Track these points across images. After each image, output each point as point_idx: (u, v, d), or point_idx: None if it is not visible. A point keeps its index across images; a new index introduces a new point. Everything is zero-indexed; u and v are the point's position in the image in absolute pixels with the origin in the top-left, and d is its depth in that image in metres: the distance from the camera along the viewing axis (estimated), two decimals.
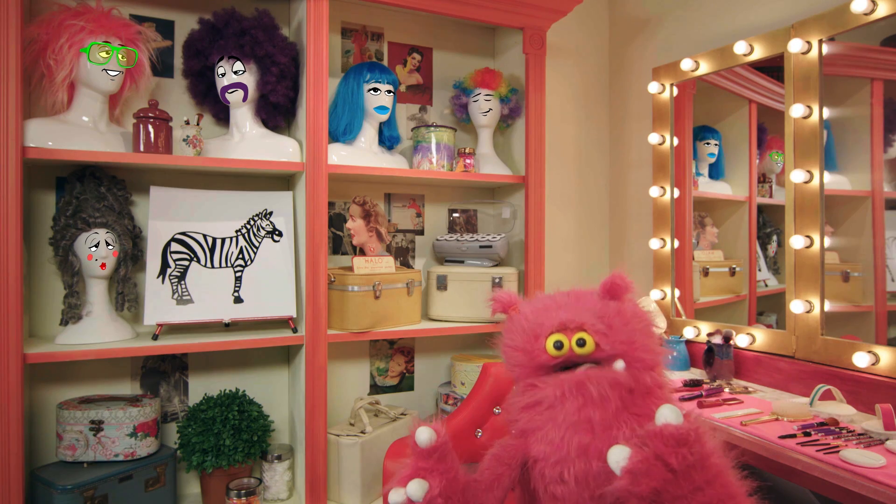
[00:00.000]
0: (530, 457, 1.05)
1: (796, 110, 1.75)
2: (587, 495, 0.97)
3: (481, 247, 2.15)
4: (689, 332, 2.14)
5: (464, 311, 2.11)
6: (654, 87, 2.28)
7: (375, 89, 1.98)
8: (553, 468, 1.01)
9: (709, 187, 2.25)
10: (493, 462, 1.08)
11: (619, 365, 1.04)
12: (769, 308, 2.04)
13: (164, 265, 1.75)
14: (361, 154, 2.00)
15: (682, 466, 0.84)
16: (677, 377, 1.97)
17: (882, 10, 1.56)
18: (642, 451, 0.85)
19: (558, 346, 1.05)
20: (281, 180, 2.06)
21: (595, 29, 2.68)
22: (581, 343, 1.04)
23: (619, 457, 0.86)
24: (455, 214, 2.41)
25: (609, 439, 0.98)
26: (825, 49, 1.72)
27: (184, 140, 1.74)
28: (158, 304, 1.72)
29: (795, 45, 1.75)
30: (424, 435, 0.99)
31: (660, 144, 2.28)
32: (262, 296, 1.83)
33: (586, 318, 1.05)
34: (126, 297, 1.74)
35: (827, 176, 1.73)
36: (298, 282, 1.88)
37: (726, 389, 1.78)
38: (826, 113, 1.73)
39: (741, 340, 1.93)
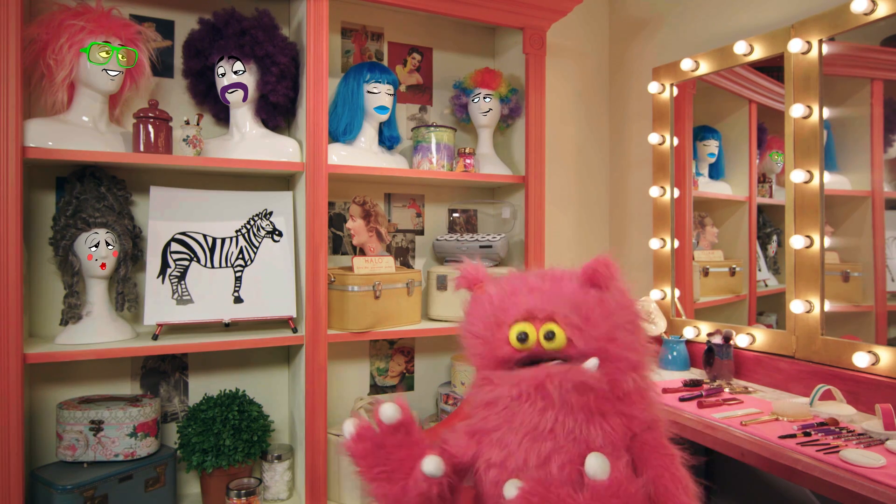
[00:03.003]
0: (482, 459, 0.93)
1: (796, 110, 1.75)
2: None
3: (481, 247, 2.15)
4: (689, 332, 2.14)
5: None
6: (654, 87, 2.28)
7: (375, 89, 1.98)
8: (509, 477, 0.87)
9: (709, 187, 2.25)
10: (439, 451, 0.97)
11: (592, 363, 0.89)
12: (769, 308, 2.04)
13: (164, 265, 1.75)
14: (361, 154, 2.00)
15: None
16: (677, 377, 1.97)
17: (882, 10, 1.56)
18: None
19: (522, 338, 0.90)
20: (281, 180, 2.06)
21: (595, 29, 2.68)
22: (549, 336, 0.90)
23: (597, 468, 0.80)
24: (455, 214, 2.41)
25: (575, 448, 0.87)
26: (825, 49, 1.72)
27: (184, 140, 1.74)
28: (158, 304, 1.72)
29: (795, 45, 1.75)
30: (389, 410, 0.90)
31: (660, 144, 2.28)
32: (262, 296, 1.83)
33: (558, 308, 0.90)
34: (126, 297, 1.74)
35: (827, 176, 1.73)
36: (298, 282, 1.88)
37: (726, 389, 1.78)
38: (826, 113, 1.73)
39: (741, 340, 1.93)
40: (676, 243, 2.25)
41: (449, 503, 0.92)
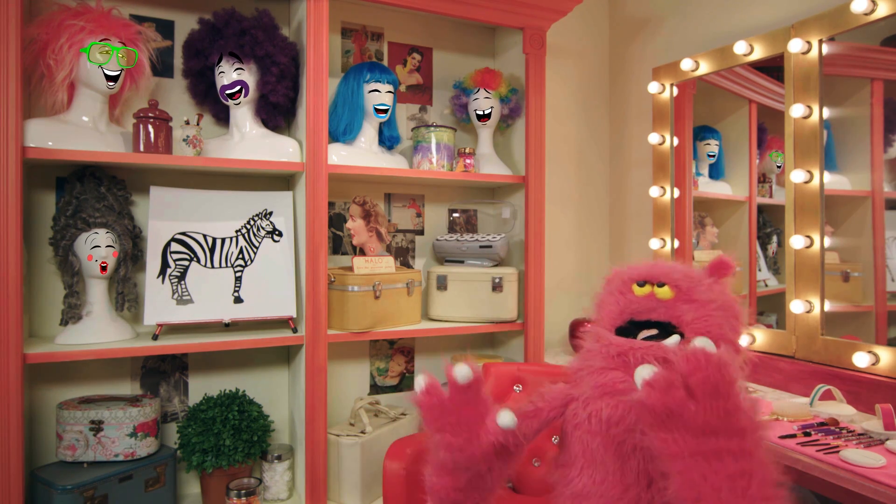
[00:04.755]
0: (571, 397, 1.13)
1: (796, 110, 1.75)
2: (609, 435, 1.02)
3: (481, 247, 2.15)
4: None
5: (464, 311, 2.11)
6: (654, 87, 2.28)
7: (376, 89, 1.98)
8: (583, 407, 1.08)
9: (709, 187, 2.25)
10: (536, 397, 1.16)
11: (673, 340, 1.06)
12: (769, 308, 2.04)
13: (164, 265, 1.75)
14: (361, 154, 2.00)
15: (701, 391, 0.79)
16: None
17: (882, 10, 1.56)
18: (666, 368, 0.84)
19: (641, 284, 1.13)
20: (281, 180, 2.06)
21: (595, 29, 2.68)
22: (661, 285, 1.12)
23: (644, 373, 0.87)
24: (455, 214, 2.41)
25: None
26: (825, 49, 1.72)
27: (184, 140, 1.74)
28: (158, 304, 1.72)
29: (795, 45, 1.75)
30: (463, 371, 1.05)
31: (660, 144, 2.28)
32: (262, 296, 1.83)
33: (672, 273, 1.12)
34: (126, 297, 1.74)
35: (827, 176, 1.73)
36: (298, 282, 1.88)
37: None
38: (826, 113, 1.73)
39: (741, 340, 1.93)
40: (676, 243, 2.25)
41: (514, 456, 1.11)
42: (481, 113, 2.21)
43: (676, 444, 0.80)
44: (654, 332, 1.11)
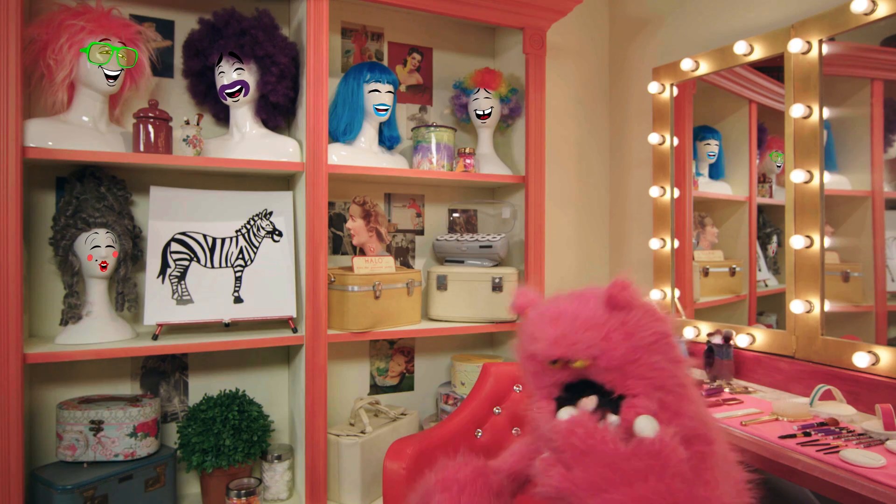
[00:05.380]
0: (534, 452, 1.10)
1: (796, 110, 1.75)
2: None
3: (481, 247, 2.15)
4: (689, 332, 2.14)
5: (464, 311, 2.11)
6: (654, 87, 2.28)
7: (376, 89, 1.98)
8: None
9: (709, 187, 2.25)
10: (500, 461, 1.12)
11: (612, 420, 0.98)
12: (769, 308, 2.04)
13: (164, 265, 1.75)
14: (361, 154, 2.00)
15: (573, 461, 0.88)
16: None
17: (882, 10, 1.56)
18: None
19: (554, 362, 1.02)
20: (281, 180, 2.06)
21: (595, 29, 2.68)
22: (573, 361, 1.01)
23: (645, 426, 0.89)
24: (455, 214, 2.41)
25: None
26: (825, 49, 1.72)
27: (184, 140, 1.74)
28: (158, 304, 1.72)
29: (795, 45, 1.75)
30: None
31: (660, 144, 2.28)
32: (262, 296, 1.83)
33: (578, 338, 0.99)
34: (126, 297, 1.74)
35: (827, 176, 1.73)
36: (298, 282, 1.88)
37: (726, 389, 1.78)
38: (826, 113, 1.73)
39: (741, 340, 1.93)
40: (676, 243, 2.25)
41: None
42: (481, 113, 2.21)
43: None
44: (593, 398, 1.01)
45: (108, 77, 1.65)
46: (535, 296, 1.13)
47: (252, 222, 1.88)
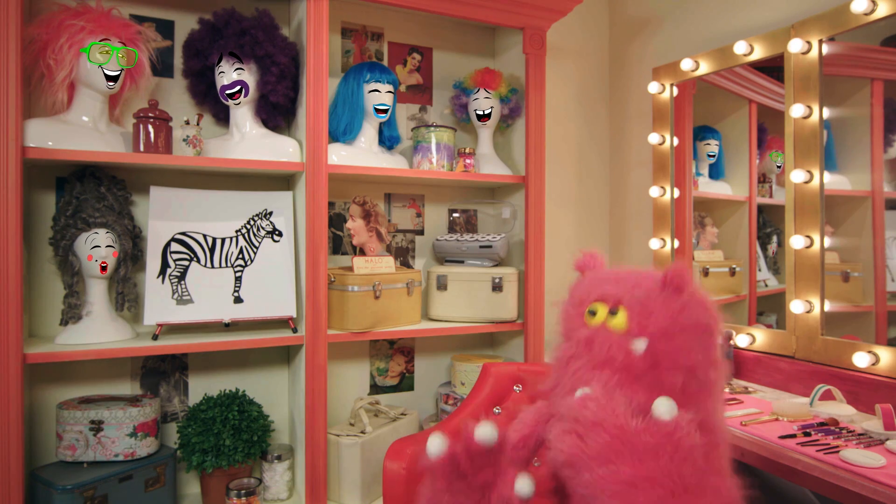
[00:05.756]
0: (554, 415, 1.07)
1: (796, 110, 1.75)
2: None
3: (481, 247, 2.15)
4: None
5: (464, 311, 2.11)
6: (654, 87, 2.28)
7: (375, 89, 1.98)
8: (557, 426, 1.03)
9: (709, 187, 2.25)
10: (518, 423, 1.12)
11: (639, 343, 1.00)
12: (769, 308, 2.04)
13: (164, 265, 1.75)
14: (361, 154, 2.00)
15: (588, 432, 0.89)
16: None
17: (882, 10, 1.56)
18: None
19: (592, 312, 1.06)
20: (281, 180, 2.06)
21: (595, 29, 2.68)
22: (613, 312, 1.04)
23: (663, 408, 0.89)
24: (455, 214, 2.41)
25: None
26: (825, 49, 1.72)
27: (184, 140, 1.74)
28: (158, 304, 1.72)
29: (795, 45, 1.75)
30: (486, 433, 1.02)
31: (660, 144, 2.28)
32: (262, 296, 1.83)
33: (628, 295, 1.04)
34: (126, 297, 1.74)
35: (827, 176, 1.73)
36: (298, 282, 1.88)
37: (726, 389, 1.78)
38: (826, 113, 1.73)
39: (741, 340, 1.93)
40: (676, 243, 2.25)
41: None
42: (481, 113, 2.21)
43: (581, 482, 0.88)
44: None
45: (108, 77, 1.65)
46: (600, 258, 1.19)
47: (252, 222, 1.88)
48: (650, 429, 0.90)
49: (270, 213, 1.91)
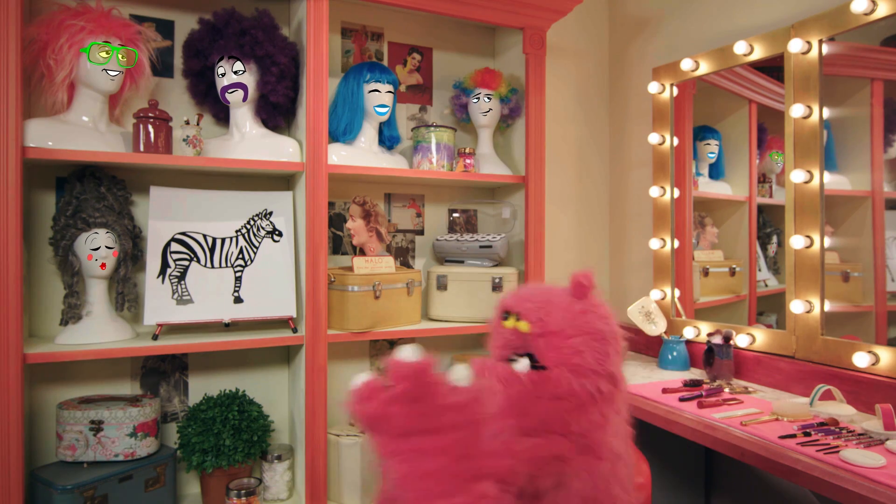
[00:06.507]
0: None
1: (796, 110, 1.75)
2: None
3: (481, 247, 2.15)
4: (689, 332, 2.14)
5: (464, 311, 2.11)
6: (654, 87, 2.28)
7: (375, 89, 1.98)
8: None
9: (709, 187, 2.25)
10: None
11: (521, 364, 1.04)
12: (769, 308, 2.04)
13: (164, 265, 1.75)
14: (361, 154, 2.00)
15: (400, 396, 0.88)
16: (677, 377, 1.97)
17: (882, 10, 1.56)
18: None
19: (504, 317, 1.09)
20: (281, 180, 2.06)
21: (595, 29, 2.68)
22: (518, 318, 1.07)
23: (353, 382, 0.89)
24: (455, 214, 2.41)
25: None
26: (825, 49, 1.72)
27: (184, 140, 1.74)
28: (158, 304, 1.72)
29: (795, 45, 1.75)
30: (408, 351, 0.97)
31: (660, 144, 2.29)
32: (262, 296, 1.83)
33: (527, 304, 1.08)
34: (126, 297, 1.74)
35: (827, 176, 1.73)
36: (298, 282, 1.88)
37: (726, 389, 1.78)
38: (826, 113, 1.73)
39: (741, 340, 1.93)
40: (676, 243, 2.25)
41: None
42: (481, 113, 2.21)
43: (380, 446, 0.86)
44: (525, 360, 1.07)
45: (108, 77, 1.65)
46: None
47: (252, 222, 1.88)
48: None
49: (270, 213, 1.91)
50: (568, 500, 0.97)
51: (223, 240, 1.84)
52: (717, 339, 1.90)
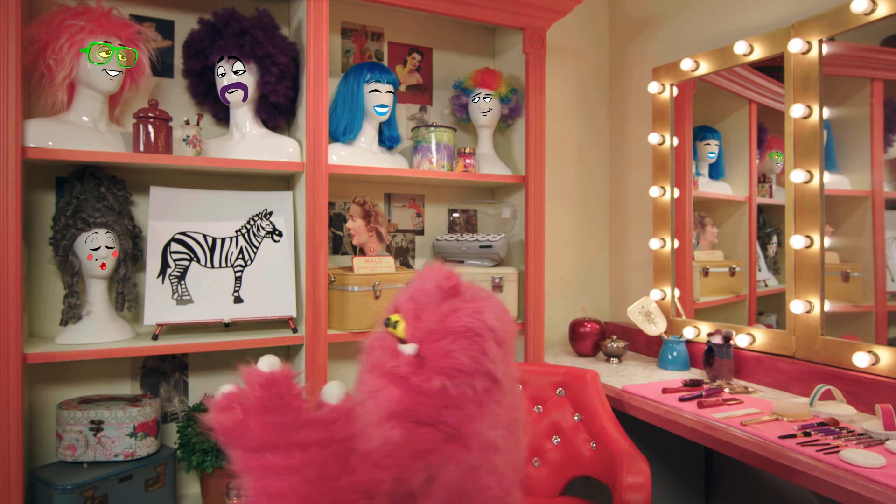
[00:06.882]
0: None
1: (796, 110, 1.75)
2: None
3: (481, 247, 2.15)
4: (689, 332, 2.14)
5: None
6: (654, 87, 2.28)
7: (375, 89, 1.98)
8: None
9: (709, 187, 2.25)
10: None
11: (407, 348, 1.03)
12: (769, 308, 2.04)
13: (164, 265, 1.75)
14: (361, 154, 2.00)
15: (255, 409, 0.85)
16: (677, 377, 1.97)
17: (882, 10, 1.56)
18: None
19: (387, 322, 1.08)
20: (281, 180, 2.06)
21: (595, 29, 2.68)
22: (397, 322, 1.07)
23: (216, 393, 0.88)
24: (455, 214, 2.41)
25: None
26: (825, 49, 1.72)
27: (184, 140, 1.74)
28: (158, 304, 1.72)
29: (795, 45, 1.75)
30: (265, 362, 0.93)
31: (660, 144, 2.29)
32: (262, 296, 1.83)
33: (405, 302, 1.08)
34: (126, 297, 1.74)
35: (827, 176, 1.73)
36: (298, 282, 1.88)
37: (726, 389, 1.78)
38: (826, 113, 1.73)
39: (741, 340, 1.93)
40: (676, 243, 2.25)
41: None
42: (481, 113, 2.21)
43: (236, 461, 0.81)
44: (412, 346, 1.07)
45: (108, 77, 1.65)
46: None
47: (252, 222, 1.88)
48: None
49: (270, 213, 1.91)
50: (435, 491, 0.95)
51: (223, 240, 1.84)
52: (717, 339, 1.90)
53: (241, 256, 1.85)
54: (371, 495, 0.84)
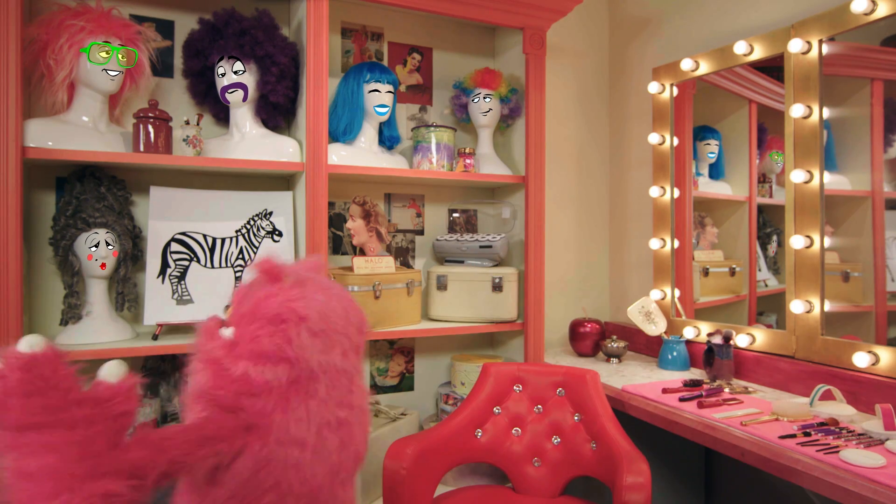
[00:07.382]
0: None
1: (796, 110, 1.75)
2: None
3: (481, 247, 2.15)
4: (689, 332, 2.14)
5: (464, 311, 2.11)
6: (654, 87, 2.28)
7: (375, 89, 1.98)
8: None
9: (709, 187, 2.25)
10: None
11: (225, 331, 1.07)
12: (769, 308, 2.04)
13: (164, 265, 1.75)
14: (361, 154, 2.00)
15: (14, 390, 0.82)
16: (677, 377, 1.97)
17: (882, 10, 1.56)
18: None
19: (227, 306, 1.14)
20: (281, 180, 2.06)
21: (595, 29, 2.68)
22: (227, 307, 1.14)
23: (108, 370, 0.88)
24: (455, 214, 2.41)
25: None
26: (825, 49, 1.72)
27: (184, 140, 1.74)
28: (158, 304, 1.72)
29: (795, 45, 1.75)
30: (25, 343, 0.87)
31: (660, 144, 2.29)
32: None
33: (243, 289, 1.13)
34: (126, 297, 1.74)
35: (827, 176, 1.73)
36: None
37: (726, 389, 1.78)
38: (826, 113, 1.73)
39: (741, 340, 1.93)
40: (676, 243, 2.25)
41: None
42: (481, 113, 2.21)
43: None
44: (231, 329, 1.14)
45: (108, 77, 1.65)
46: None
47: (252, 222, 1.88)
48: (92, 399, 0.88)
49: (270, 213, 1.91)
50: (226, 480, 0.94)
51: (223, 240, 1.84)
52: (717, 339, 1.90)
53: (241, 256, 1.85)
54: (141, 476, 0.82)
